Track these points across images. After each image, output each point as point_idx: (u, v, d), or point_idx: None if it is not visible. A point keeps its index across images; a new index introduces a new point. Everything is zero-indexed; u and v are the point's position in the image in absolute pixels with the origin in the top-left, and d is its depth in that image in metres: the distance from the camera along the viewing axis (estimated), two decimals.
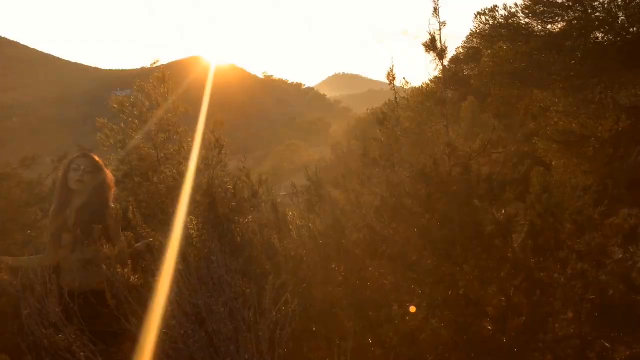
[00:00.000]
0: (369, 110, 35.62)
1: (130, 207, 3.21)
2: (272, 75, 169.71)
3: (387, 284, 3.24)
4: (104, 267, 2.79)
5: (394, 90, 4.20)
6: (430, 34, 3.73)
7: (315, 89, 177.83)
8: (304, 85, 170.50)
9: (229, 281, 2.53)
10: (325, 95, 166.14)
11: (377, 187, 3.71)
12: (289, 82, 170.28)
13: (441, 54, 3.73)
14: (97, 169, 3.80)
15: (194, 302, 2.54)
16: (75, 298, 3.33)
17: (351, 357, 2.59)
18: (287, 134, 78.42)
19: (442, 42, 3.75)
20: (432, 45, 3.78)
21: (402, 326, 3.00)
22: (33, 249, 4.67)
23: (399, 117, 3.97)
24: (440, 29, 3.79)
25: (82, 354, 2.36)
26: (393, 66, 3.93)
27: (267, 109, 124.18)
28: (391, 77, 4.07)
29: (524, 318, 3.29)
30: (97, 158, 3.90)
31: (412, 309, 2.93)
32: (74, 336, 2.41)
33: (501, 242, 3.29)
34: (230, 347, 2.36)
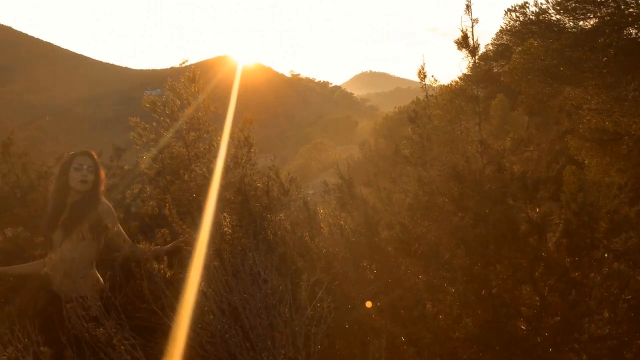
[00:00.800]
0: (396, 109, 35.44)
1: (167, 205, 3.25)
2: (298, 74, 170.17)
3: (418, 282, 3.23)
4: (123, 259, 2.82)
5: (425, 88, 4.18)
6: (462, 31, 3.70)
7: (342, 88, 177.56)
8: (331, 83, 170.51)
9: (265, 277, 2.56)
10: (352, 94, 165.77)
11: (408, 185, 3.70)
12: (316, 80, 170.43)
13: (473, 51, 3.70)
14: (97, 167, 3.74)
15: (229, 297, 2.57)
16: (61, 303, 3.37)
17: (380, 357, 2.60)
18: (313, 132, 78.46)
19: (475, 39, 3.72)
20: (464, 42, 3.75)
21: (435, 324, 2.99)
22: None
23: (430, 115, 3.94)
24: (472, 26, 3.77)
25: (122, 347, 2.41)
26: (424, 64, 3.92)
27: (293, 107, 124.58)
28: (422, 74, 4.05)
29: (558, 318, 3.25)
30: (95, 155, 3.84)
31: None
32: (114, 330, 2.47)
33: (535, 241, 3.26)
34: (266, 342, 2.38)
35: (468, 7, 3.71)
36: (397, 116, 32.55)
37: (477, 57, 4.11)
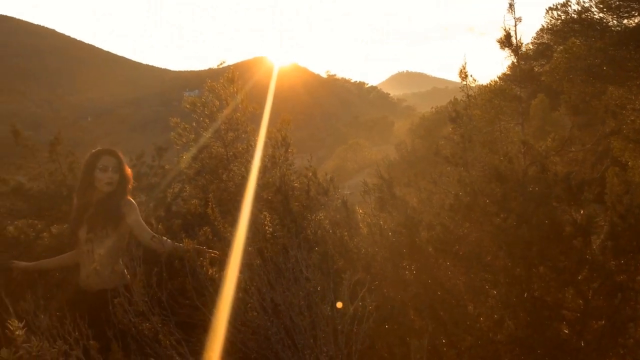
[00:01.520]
0: (433, 109, 35.12)
1: (210, 203, 3.30)
2: (335, 75, 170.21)
3: (459, 284, 3.20)
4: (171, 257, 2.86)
5: (465, 88, 4.13)
6: (505, 30, 3.64)
7: (378, 88, 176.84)
8: (367, 84, 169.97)
9: (307, 276, 2.57)
10: (389, 94, 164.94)
11: (448, 185, 3.67)
12: (352, 81, 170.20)
13: (517, 50, 3.64)
14: (122, 165, 3.73)
15: (272, 295, 2.60)
16: (89, 297, 3.43)
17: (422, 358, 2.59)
18: (349, 133, 78.36)
19: (518, 39, 3.66)
20: (507, 41, 3.70)
21: (476, 327, 2.96)
22: None
23: (471, 115, 3.89)
24: (515, 25, 3.71)
25: (167, 342, 2.47)
26: (465, 63, 3.87)
27: (329, 108, 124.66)
28: (463, 74, 4.01)
29: (603, 322, 3.18)
30: (120, 154, 3.82)
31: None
32: (160, 325, 2.52)
33: (580, 243, 3.19)
34: (309, 339, 2.40)
35: (511, 5, 3.66)
36: (434, 116, 32.25)
37: (520, 56, 4.04)
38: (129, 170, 3.80)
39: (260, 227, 3.12)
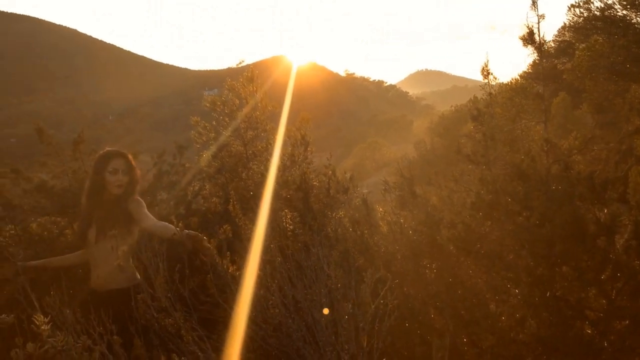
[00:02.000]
0: (452, 107, 34.85)
1: (232, 201, 3.31)
2: (353, 73, 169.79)
3: (480, 283, 3.18)
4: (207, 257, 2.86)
5: (488, 86, 4.08)
6: (527, 27, 3.60)
7: (397, 87, 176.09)
8: (386, 82, 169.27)
9: (329, 273, 2.58)
10: (408, 93, 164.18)
11: (469, 184, 3.64)
12: (371, 79, 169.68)
13: (540, 47, 3.60)
14: (131, 167, 3.67)
15: (293, 292, 2.61)
16: (99, 297, 3.38)
17: (443, 357, 2.58)
18: (368, 131, 78.26)
19: (541, 36, 3.62)
20: (530, 39, 3.65)
21: (498, 326, 2.94)
22: None
23: (493, 113, 3.86)
24: (538, 22, 3.66)
25: (189, 338, 2.49)
26: (487, 60, 3.83)
27: (348, 107, 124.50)
28: (485, 71, 3.97)
29: (627, 322, 3.13)
30: (130, 155, 3.75)
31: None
32: (182, 321, 2.54)
33: (603, 242, 3.15)
34: (331, 337, 2.41)
35: (534, 2, 3.61)
36: (453, 115, 31.99)
37: (542, 54, 4.00)
38: (138, 172, 3.77)
39: (280, 225, 3.12)
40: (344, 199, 4.09)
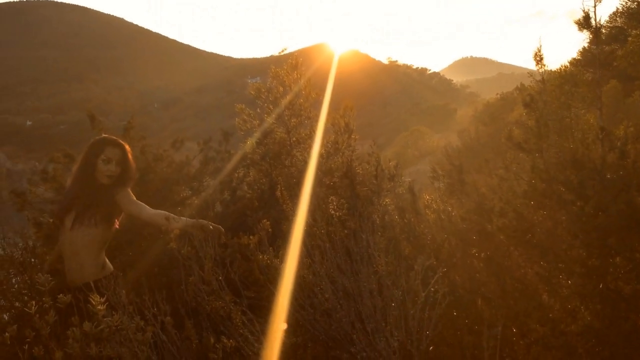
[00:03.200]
0: (498, 95, 34.13)
1: (279, 187, 3.33)
2: (396, 61, 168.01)
3: (530, 273, 3.11)
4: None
5: (542, 72, 3.96)
6: (583, 10, 3.48)
7: (441, 74, 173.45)
8: (429, 70, 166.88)
9: (378, 259, 2.57)
10: (452, 80, 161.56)
11: (520, 172, 3.56)
12: (414, 67, 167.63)
13: (596, 31, 3.47)
14: (126, 158, 3.46)
15: (342, 279, 2.61)
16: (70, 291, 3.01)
17: (495, 347, 2.54)
18: (410, 120, 77.52)
19: (597, 20, 3.48)
20: (586, 23, 3.53)
21: (549, 317, 2.87)
22: None
23: (545, 100, 3.75)
24: (595, 5, 3.52)
25: (239, 321, 2.52)
26: (540, 46, 3.72)
27: (390, 94, 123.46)
28: (538, 57, 3.85)
29: None
30: (126, 145, 3.54)
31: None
32: (233, 304, 2.58)
33: None
34: (381, 323, 2.40)
35: None
36: (499, 103, 31.33)
37: (591, 38, 3.85)
38: (133, 165, 3.55)
39: (326, 211, 3.12)
40: (389, 186, 4.06)
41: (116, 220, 3.42)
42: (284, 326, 2.57)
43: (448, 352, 2.91)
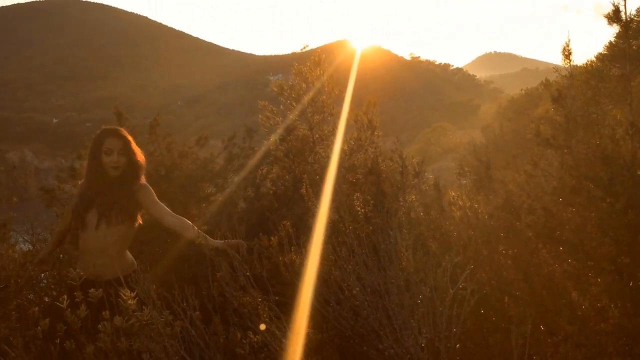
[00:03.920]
0: (522, 91, 33.66)
1: (304, 184, 3.34)
2: (419, 57, 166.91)
3: (559, 270, 3.07)
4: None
5: (570, 67, 3.89)
6: (613, 4, 3.41)
7: (464, 70, 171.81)
8: (452, 65, 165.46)
9: (407, 256, 2.57)
10: (475, 76, 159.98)
11: (548, 168, 3.52)
12: (436, 62, 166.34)
13: (627, 25, 3.40)
14: (128, 147, 3.40)
15: (369, 275, 2.62)
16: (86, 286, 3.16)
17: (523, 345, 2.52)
18: (433, 116, 76.98)
19: (627, 13, 3.41)
20: (615, 17, 3.46)
21: (579, 315, 2.84)
22: (202, 222, 4.89)
23: (574, 95, 3.70)
24: None
25: (266, 317, 2.54)
26: (569, 40, 3.66)
27: (412, 90, 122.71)
28: (566, 51, 3.79)
29: None
30: (127, 134, 3.49)
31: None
32: (260, 299, 2.60)
33: None
34: (409, 320, 2.40)
35: None
36: (524, 98, 30.90)
37: (630, 31, 3.78)
38: (139, 152, 3.51)
39: (352, 208, 3.12)
40: (414, 183, 4.05)
41: (139, 216, 3.45)
42: (310, 323, 2.59)
43: (475, 349, 2.90)
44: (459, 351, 2.69)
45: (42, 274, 4.73)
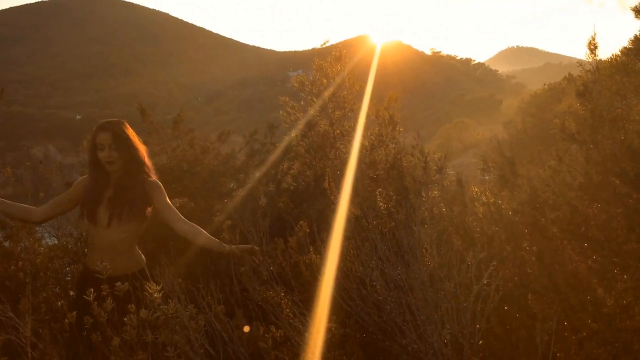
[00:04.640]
0: (545, 86, 33.16)
1: (327, 178, 3.35)
2: (440, 52, 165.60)
3: (584, 267, 3.03)
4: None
5: (595, 61, 3.83)
6: None
7: (486, 64, 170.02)
8: (474, 60, 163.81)
9: (431, 251, 2.56)
10: (497, 71, 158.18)
11: (573, 164, 3.47)
12: (458, 57, 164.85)
13: None
14: (120, 140, 3.26)
15: (392, 270, 2.62)
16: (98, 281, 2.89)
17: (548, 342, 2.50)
18: (454, 111, 76.38)
19: None
20: None
21: (604, 312, 2.81)
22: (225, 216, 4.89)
23: (600, 90, 3.64)
24: None
25: (289, 312, 2.56)
26: (595, 34, 3.60)
27: (433, 86, 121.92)
28: (592, 45, 3.73)
29: None
30: (121, 127, 3.33)
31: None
32: (283, 294, 2.62)
33: None
34: (433, 315, 2.40)
35: None
36: (546, 93, 30.44)
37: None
38: (133, 145, 3.34)
39: (374, 204, 3.11)
40: (437, 178, 4.02)
41: (148, 209, 3.37)
42: (333, 318, 2.60)
43: (498, 346, 2.88)
44: (482, 347, 2.68)
45: (67, 268, 4.79)
